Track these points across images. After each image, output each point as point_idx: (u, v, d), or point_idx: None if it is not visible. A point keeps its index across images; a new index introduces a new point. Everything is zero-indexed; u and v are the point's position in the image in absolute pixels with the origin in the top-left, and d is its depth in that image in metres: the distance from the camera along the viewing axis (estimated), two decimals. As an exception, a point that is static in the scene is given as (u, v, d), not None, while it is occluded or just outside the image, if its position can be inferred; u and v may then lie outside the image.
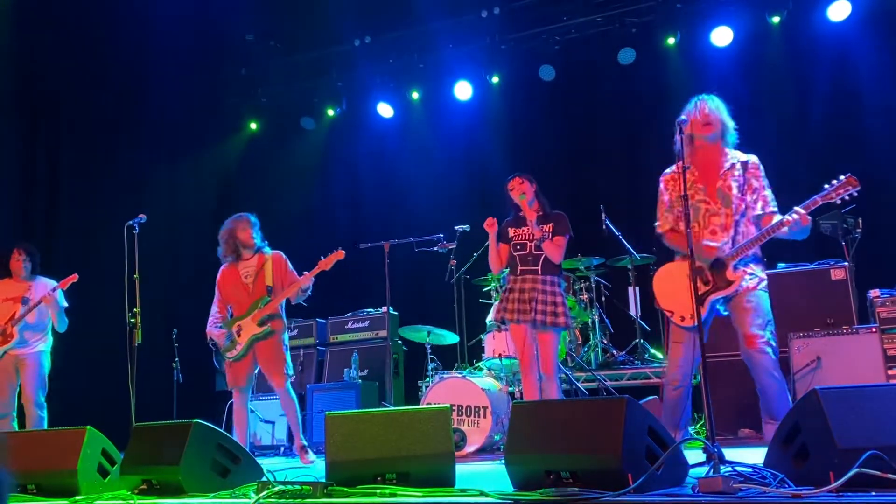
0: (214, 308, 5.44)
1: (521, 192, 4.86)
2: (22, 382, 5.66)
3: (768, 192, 3.71)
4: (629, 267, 6.92)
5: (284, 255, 5.45)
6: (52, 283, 5.85)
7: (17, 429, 5.58)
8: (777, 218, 3.59)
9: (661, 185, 3.92)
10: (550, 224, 4.80)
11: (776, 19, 7.35)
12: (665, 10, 7.65)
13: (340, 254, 5.32)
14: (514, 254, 4.84)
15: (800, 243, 6.26)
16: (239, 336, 5.25)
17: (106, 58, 7.39)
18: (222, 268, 5.47)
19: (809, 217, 3.47)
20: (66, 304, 5.88)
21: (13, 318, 5.66)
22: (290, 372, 5.33)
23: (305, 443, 5.38)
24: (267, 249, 5.44)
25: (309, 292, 5.35)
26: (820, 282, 5.50)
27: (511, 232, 4.91)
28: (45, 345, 5.83)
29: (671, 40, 7.70)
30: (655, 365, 6.38)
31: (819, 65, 7.26)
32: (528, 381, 4.78)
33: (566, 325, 4.75)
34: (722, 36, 7.48)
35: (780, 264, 5.82)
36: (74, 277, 5.77)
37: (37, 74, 7.38)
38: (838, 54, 7.18)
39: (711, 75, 7.43)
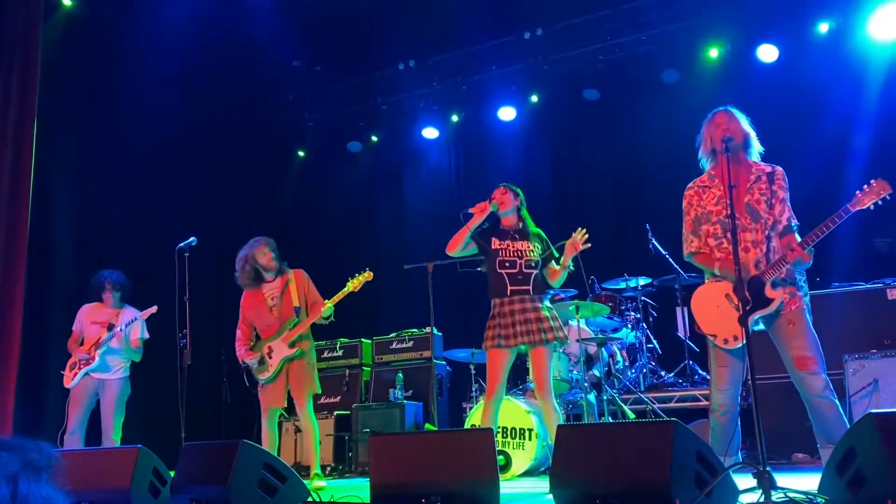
0: (239, 332, 5.40)
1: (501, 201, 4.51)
2: (102, 407, 5.78)
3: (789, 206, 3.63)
4: (677, 287, 6.82)
5: (305, 273, 5.43)
6: (137, 312, 5.91)
7: (83, 447, 5.69)
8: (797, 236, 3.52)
9: (685, 202, 3.83)
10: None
11: (824, 27, 7.18)
12: (710, 28, 7.57)
13: (369, 275, 5.32)
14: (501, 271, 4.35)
15: (854, 261, 6.13)
16: (270, 358, 5.22)
17: (155, 86, 7.61)
18: (245, 293, 5.43)
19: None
20: (146, 336, 5.97)
21: (98, 341, 5.81)
22: (318, 390, 5.31)
23: (318, 470, 5.25)
24: (287, 269, 5.40)
25: (332, 317, 5.31)
26: (876, 302, 5.36)
27: (496, 243, 4.47)
28: (125, 370, 5.92)
29: (713, 52, 7.62)
30: (705, 387, 6.24)
31: (871, 82, 7.06)
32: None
33: None
34: (768, 52, 7.37)
35: (833, 283, 5.67)
36: (154, 309, 5.83)
37: (91, 101, 7.63)
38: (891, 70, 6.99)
39: (757, 93, 7.29)
